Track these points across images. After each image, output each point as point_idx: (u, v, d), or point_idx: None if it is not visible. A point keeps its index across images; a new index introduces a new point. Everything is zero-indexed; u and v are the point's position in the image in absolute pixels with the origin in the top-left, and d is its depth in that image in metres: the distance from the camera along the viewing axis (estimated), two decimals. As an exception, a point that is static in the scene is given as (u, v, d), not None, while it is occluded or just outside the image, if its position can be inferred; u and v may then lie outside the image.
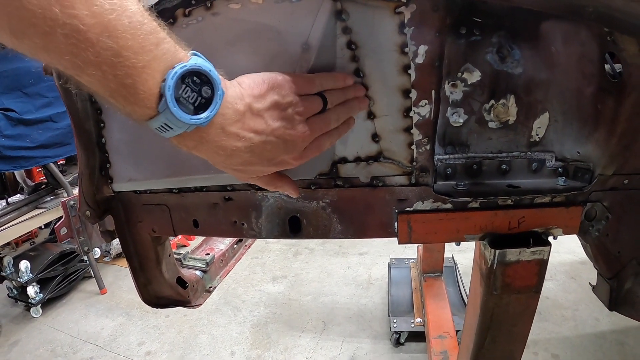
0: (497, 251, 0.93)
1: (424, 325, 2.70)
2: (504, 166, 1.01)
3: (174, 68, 0.51)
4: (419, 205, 0.95)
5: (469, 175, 1.02)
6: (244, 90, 0.62)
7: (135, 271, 1.41)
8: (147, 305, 3.58)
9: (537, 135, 0.98)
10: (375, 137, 0.90)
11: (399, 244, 0.99)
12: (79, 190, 1.16)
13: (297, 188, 0.84)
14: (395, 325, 2.81)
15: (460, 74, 0.93)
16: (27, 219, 3.52)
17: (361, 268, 3.79)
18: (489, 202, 0.95)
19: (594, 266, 1.14)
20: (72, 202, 1.44)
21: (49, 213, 3.60)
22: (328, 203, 0.98)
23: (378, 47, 0.83)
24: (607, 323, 2.90)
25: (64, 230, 1.58)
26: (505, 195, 0.94)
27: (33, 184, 3.94)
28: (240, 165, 0.67)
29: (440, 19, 0.81)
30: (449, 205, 0.95)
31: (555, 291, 3.30)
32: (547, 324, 2.95)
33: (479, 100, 0.96)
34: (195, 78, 0.53)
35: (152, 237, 1.32)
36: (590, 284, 1.69)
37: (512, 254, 0.94)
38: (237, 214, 1.10)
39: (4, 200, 3.66)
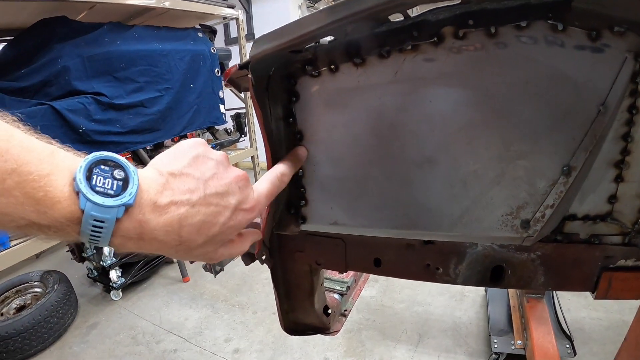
0: None
1: (524, 349, 2.55)
2: None
3: (79, 164, 0.52)
4: (621, 263, 0.89)
5: None
6: (155, 163, 0.61)
7: (280, 298, 1.29)
8: (233, 299, 3.51)
9: None
10: (611, 199, 0.84)
11: (595, 299, 0.93)
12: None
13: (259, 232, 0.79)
14: (496, 346, 2.66)
15: None
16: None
17: (453, 277, 3.58)
18: None
19: None
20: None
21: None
22: (539, 255, 0.93)
23: None
24: None
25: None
26: None
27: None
28: (205, 236, 0.60)
29: None
30: None
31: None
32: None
33: None
34: (102, 166, 0.53)
35: (310, 267, 1.19)
36: None
37: None
38: (435, 258, 1.00)
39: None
